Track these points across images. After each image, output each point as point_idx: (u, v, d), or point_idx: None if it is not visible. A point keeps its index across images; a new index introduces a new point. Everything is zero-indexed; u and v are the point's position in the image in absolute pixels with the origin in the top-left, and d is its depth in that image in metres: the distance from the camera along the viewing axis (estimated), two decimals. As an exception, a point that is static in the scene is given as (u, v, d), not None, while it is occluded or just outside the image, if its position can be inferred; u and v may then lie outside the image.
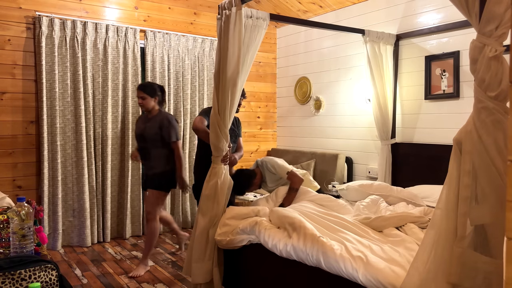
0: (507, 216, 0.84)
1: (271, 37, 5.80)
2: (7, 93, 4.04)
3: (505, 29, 1.53)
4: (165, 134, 3.53)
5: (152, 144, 3.55)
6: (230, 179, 3.00)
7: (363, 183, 3.56)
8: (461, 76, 3.66)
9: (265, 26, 3.06)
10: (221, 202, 2.94)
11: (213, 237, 2.89)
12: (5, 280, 1.45)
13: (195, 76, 4.99)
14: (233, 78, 2.83)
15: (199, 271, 2.89)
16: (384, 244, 2.30)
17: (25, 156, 4.15)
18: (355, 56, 4.64)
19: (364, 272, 1.98)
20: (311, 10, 5.08)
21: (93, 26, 4.34)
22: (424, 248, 1.71)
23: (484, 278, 1.51)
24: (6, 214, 1.95)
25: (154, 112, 3.60)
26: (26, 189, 4.14)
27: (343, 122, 4.82)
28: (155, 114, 3.59)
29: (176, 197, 4.90)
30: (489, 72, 1.54)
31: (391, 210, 3.06)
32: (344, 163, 4.70)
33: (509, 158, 0.85)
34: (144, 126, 3.59)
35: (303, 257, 2.31)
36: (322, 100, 5.07)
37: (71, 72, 4.25)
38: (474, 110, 1.59)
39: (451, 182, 1.64)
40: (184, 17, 5.03)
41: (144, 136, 3.56)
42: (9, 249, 1.77)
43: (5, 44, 4.01)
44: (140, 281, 3.36)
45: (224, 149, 2.93)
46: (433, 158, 3.83)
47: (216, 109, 2.89)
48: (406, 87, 4.16)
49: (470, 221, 1.56)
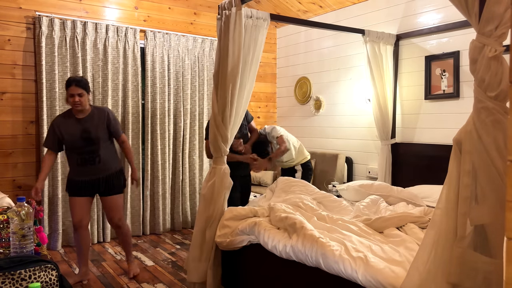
0: (507, 216, 0.84)
1: (271, 37, 5.80)
2: (7, 93, 4.04)
3: (504, 29, 1.53)
4: (114, 129, 3.27)
5: (102, 145, 3.20)
6: (230, 181, 3.00)
7: (363, 183, 3.56)
8: (461, 76, 3.66)
9: (266, 26, 3.06)
10: (218, 203, 2.93)
11: (210, 237, 2.90)
12: (5, 280, 1.45)
13: (195, 76, 4.99)
14: (233, 79, 2.83)
15: (195, 270, 2.91)
16: (384, 244, 2.30)
17: (25, 156, 4.15)
18: (355, 56, 4.64)
19: (364, 272, 1.98)
20: (311, 10, 5.08)
21: (93, 26, 4.34)
22: (424, 248, 1.71)
23: (484, 278, 1.51)
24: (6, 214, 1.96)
25: (88, 110, 3.21)
26: (26, 189, 4.14)
27: (343, 122, 4.82)
28: (90, 111, 3.21)
29: (176, 197, 4.91)
30: (489, 72, 1.54)
31: (391, 210, 3.06)
32: (344, 163, 4.70)
33: (509, 158, 0.85)
34: (83, 127, 3.15)
35: (303, 258, 2.31)
36: (322, 100, 5.07)
37: (71, 72, 4.25)
38: (474, 110, 1.59)
39: (451, 182, 1.64)
40: (184, 17, 5.03)
41: (92, 137, 3.15)
42: (9, 249, 1.77)
43: (5, 44, 4.01)
44: (140, 281, 3.36)
45: (223, 150, 2.93)
46: (433, 158, 3.83)
47: (215, 109, 2.88)
48: (406, 87, 4.16)
49: (470, 221, 1.56)
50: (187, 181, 4.96)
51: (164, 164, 4.76)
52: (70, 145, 3.18)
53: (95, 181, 3.23)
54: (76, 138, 3.14)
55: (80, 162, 3.19)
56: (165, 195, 4.78)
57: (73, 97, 3.08)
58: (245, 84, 2.97)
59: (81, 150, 3.17)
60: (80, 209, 3.25)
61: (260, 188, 5.00)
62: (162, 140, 4.75)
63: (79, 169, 3.21)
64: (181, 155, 4.91)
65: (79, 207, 3.25)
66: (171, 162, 4.87)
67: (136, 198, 4.65)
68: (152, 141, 4.72)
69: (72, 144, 3.17)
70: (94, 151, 3.19)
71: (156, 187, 4.72)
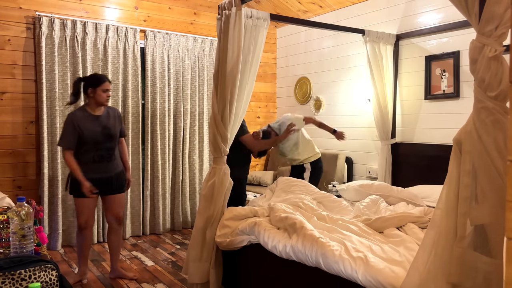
0: (507, 216, 0.84)
1: (271, 37, 5.80)
2: (7, 93, 4.04)
3: (504, 29, 1.53)
4: (123, 129, 3.40)
5: (116, 142, 3.32)
6: (230, 180, 3.00)
7: (363, 183, 3.56)
8: (461, 76, 3.66)
9: (266, 26, 3.06)
10: (218, 203, 2.93)
11: (210, 238, 2.90)
12: (5, 280, 1.45)
13: (195, 76, 4.99)
14: (233, 78, 2.83)
15: (195, 270, 2.90)
16: (384, 244, 2.30)
17: (25, 156, 4.15)
18: (355, 56, 4.64)
19: (364, 272, 1.98)
20: (311, 10, 5.08)
21: (93, 26, 4.34)
22: (424, 248, 1.71)
23: (484, 278, 1.51)
24: (6, 214, 1.96)
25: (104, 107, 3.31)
26: (26, 189, 4.14)
27: (343, 122, 4.82)
28: (104, 109, 3.29)
29: (176, 197, 4.91)
30: (489, 72, 1.54)
31: (391, 210, 3.06)
32: (344, 163, 4.70)
33: (509, 158, 0.85)
34: (103, 123, 3.22)
35: (303, 258, 2.31)
36: (322, 100, 5.07)
37: (71, 72, 4.25)
38: (474, 110, 1.59)
39: (451, 182, 1.64)
40: (184, 17, 5.03)
41: (111, 134, 3.24)
42: (9, 249, 1.77)
43: (5, 44, 4.01)
44: (140, 281, 3.36)
45: (223, 150, 2.93)
46: (433, 158, 3.83)
47: (215, 109, 2.89)
48: (406, 87, 4.16)
49: (470, 221, 1.56)
50: (187, 181, 4.96)
51: (164, 164, 4.76)
52: (91, 140, 3.16)
53: (107, 179, 3.25)
54: (97, 134, 3.17)
55: (98, 158, 3.20)
56: (165, 195, 4.78)
57: (107, 92, 3.20)
58: (245, 84, 2.97)
59: (100, 146, 3.19)
60: (88, 210, 3.25)
61: (260, 188, 5.00)
62: (162, 140, 4.75)
63: (94, 166, 3.19)
64: (181, 155, 4.91)
65: (87, 208, 3.24)
66: (171, 162, 4.87)
67: (136, 198, 4.64)
68: (152, 141, 4.72)
69: (93, 140, 3.17)
70: (112, 148, 3.26)
71: (156, 187, 4.72)
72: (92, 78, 3.24)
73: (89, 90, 3.17)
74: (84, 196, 3.15)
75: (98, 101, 3.19)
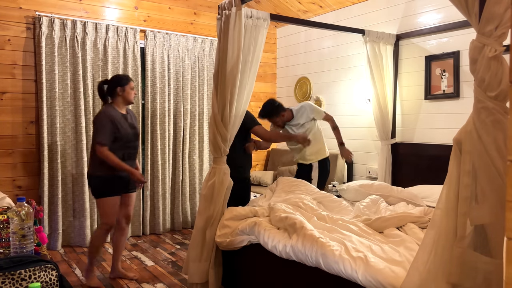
0: (507, 216, 0.84)
1: (271, 37, 5.80)
2: (7, 93, 4.04)
3: (504, 29, 1.53)
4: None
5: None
6: (230, 180, 3.00)
7: (363, 183, 3.56)
8: (461, 76, 3.66)
9: (266, 26, 3.06)
10: (218, 203, 2.93)
11: (210, 237, 2.90)
12: (5, 280, 1.45)
13: (195, 76, 4.99)
14: (233, 78, 2.83)
15: (195, 270, 2.91)
16: (384, 244, 2.30)
17: (25, 156, 4.15)
18: (355, 56, 4.64)
19: (364, 272, 1.98)
20: (311, 10, 5.08)
21: (93, 26, 4.34)
22: (424, 248, 1.71)
23: (484, 278, 1.51)
24: (6, 214, 1.96)
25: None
26: (26, 189, 4.14)
27: (343, 122, 4.81)
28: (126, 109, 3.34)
29: (176, 197, 4.91)
30: (489, 72, 1.54)
31: (391, 210, 3.06)
32: (344, 163, 4.70)
33: (509, 158, 0.85)
34: (129, 122, 3.28)
35: (303, 258, 2.31)
36: (322, 100, 5.07)
37: (71, 72, 4.25)
38: (474, 110, 1.59)
39: (451, 182, 1.64)
40: (184, 17, 5.03)
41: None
42: (9, 249, 1.77)
43: (5, 44, 4.01)
44: (140, 281, 3.36)
45: (223, 149, 2.93)
46: (433, 158, 3.83)
47: (215, 109, 2.89)
48: (406, 87, 4.16)
49: (470, 221, 1.56)
50: (187, 181, 4.96)
51: (164, 164, 4.76)
52: (124, 138, 3.19)
53: (128, 177, 3.26)
54: (128, 132, 3.21)
55: (127, 156, 3.23)
56: (165, 195, 4.78)
57: (133, 90, 3.27)
58: (245, 84, 2.97)
59: (129, 144, 3.25)
60: (117, 208, 3.25)
61: (260, 188, 5.00)
62: (162, 140, 4.75)
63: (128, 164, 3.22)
64: (181, 155, 4.91)
65: (116, 206, 3.23)
66: (171, 162, 4.87)
67: (136, 198, 4.63)
68: (152, 141, 4.72)
69: (126, 138, 3.20)
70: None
71: (156, 187, 4.72)
72: (118, 77, 3.27)
73: (118, 89, 3.20)
74: (115, 194, 3.17)
75: (127, 99, 3.24)
